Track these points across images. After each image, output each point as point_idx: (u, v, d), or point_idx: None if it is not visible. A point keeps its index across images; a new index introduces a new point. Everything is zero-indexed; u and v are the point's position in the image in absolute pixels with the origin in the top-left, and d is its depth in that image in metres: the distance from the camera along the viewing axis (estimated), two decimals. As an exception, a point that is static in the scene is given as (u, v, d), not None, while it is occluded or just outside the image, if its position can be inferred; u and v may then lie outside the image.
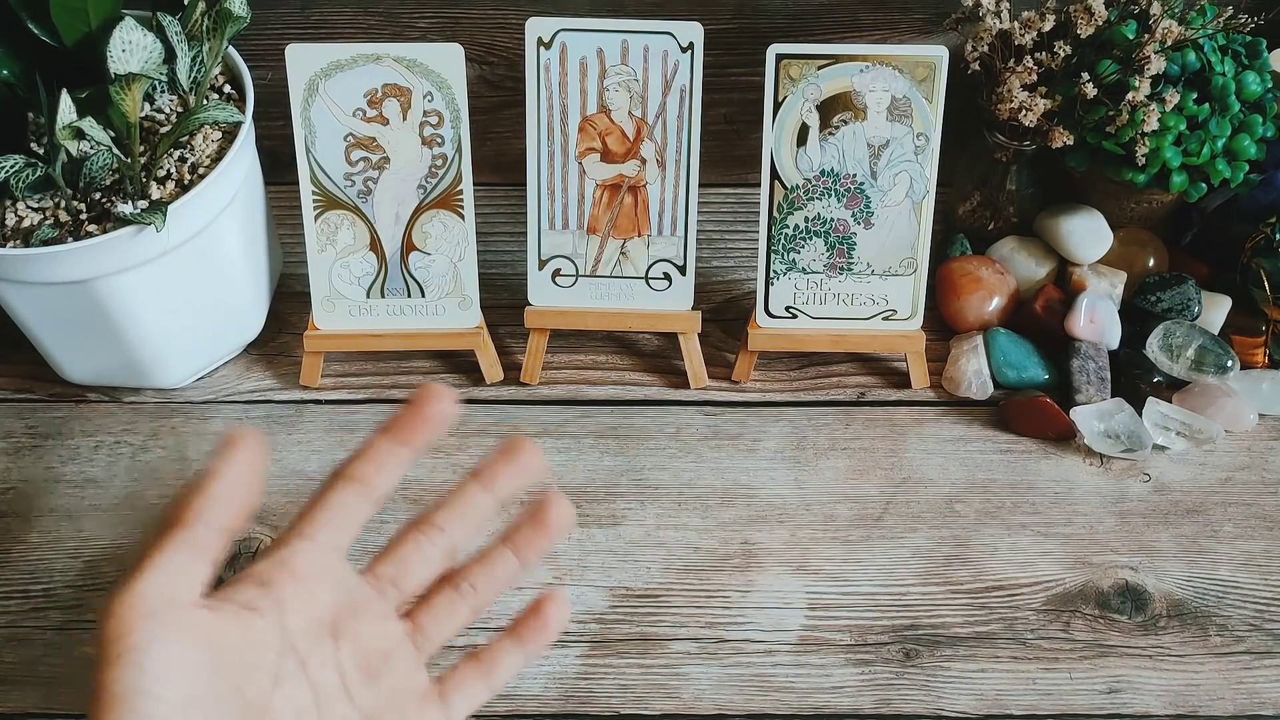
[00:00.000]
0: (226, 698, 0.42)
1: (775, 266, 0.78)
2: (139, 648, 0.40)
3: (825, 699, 0.66)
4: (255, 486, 0.44)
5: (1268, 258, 0.79)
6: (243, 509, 0.44)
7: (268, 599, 0.44)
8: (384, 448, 0.47)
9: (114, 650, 0.40)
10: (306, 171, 0.75)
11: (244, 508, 0.44)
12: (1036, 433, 0.78)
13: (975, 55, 0.78)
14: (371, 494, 0.46)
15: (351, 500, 0.46)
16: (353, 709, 0.45)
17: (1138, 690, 0.66)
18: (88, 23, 0.65)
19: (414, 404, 0.47)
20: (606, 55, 0.73)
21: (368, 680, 0.46)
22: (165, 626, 0.41)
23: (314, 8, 0.86)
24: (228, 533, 0.43)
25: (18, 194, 0.67)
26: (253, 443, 0.44)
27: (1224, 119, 0.77)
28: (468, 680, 0.48)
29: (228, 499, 0.43)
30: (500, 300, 0.85)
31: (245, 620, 0.43)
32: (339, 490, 0.46)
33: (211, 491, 0.43)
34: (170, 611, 0.41)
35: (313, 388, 0.81)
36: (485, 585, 0.49)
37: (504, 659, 0.48)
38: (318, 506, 0.46)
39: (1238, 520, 0.74)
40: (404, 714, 0.46)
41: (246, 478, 0.44)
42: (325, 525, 0.45)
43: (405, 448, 0.47)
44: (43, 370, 0.80)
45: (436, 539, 0.48)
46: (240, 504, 0.43)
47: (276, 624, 0.44)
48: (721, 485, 0.75)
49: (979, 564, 0.71)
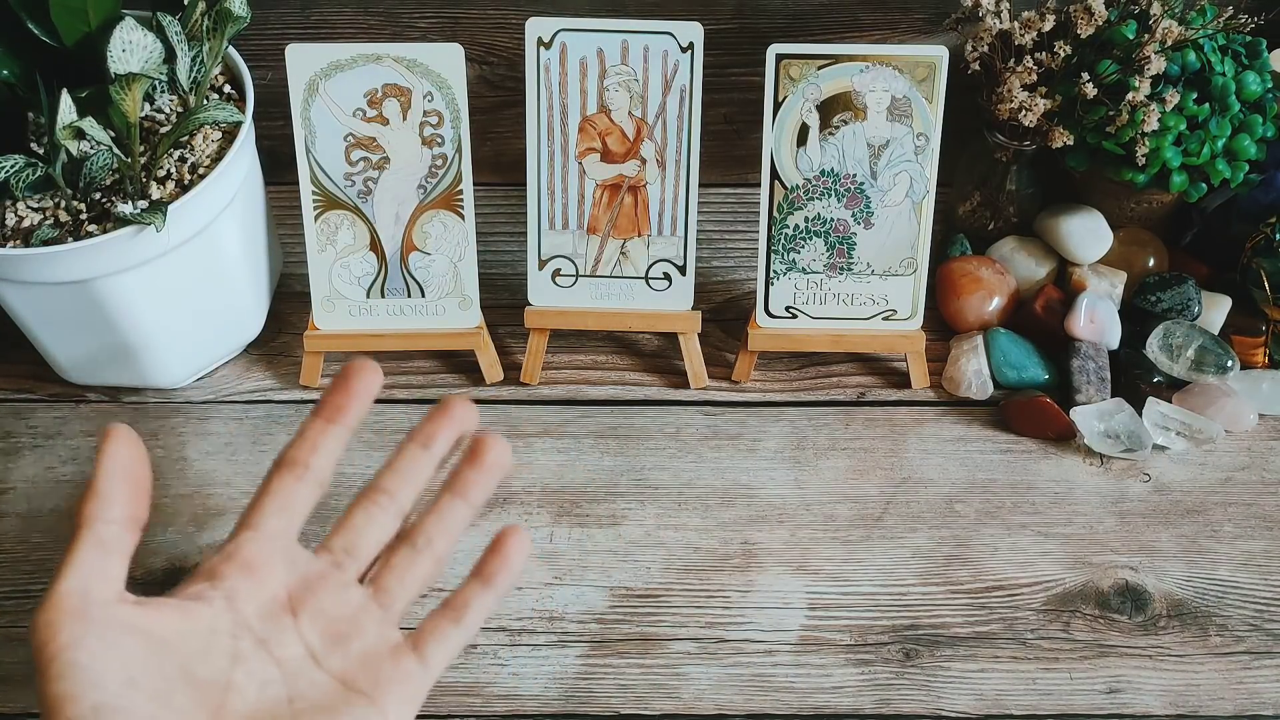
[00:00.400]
0: (173, 678, 0.43)
1: (775, 266, 0.78)
2: (70, 645, 0.42)
3: (825, 699, 0.66)
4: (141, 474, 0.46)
5: (1268, 258, 0.79)
6: (136, 499, 0.45)
7: (215, 590, 0.46)
8: (316, 429, 0.49)
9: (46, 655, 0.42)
10: (306, 171, 0.75)
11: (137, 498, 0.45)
12: (1036, 433, 0.78)
13: (975, 55, 0.78)
14: (311, 476, 0.48)
15: (291, 485, 0.48)
16: (323, 674, 0.46)
17: (1138, 690, 0.66)
18: (88, 23, 0.65)
19: (339, 381, 0.49)
20: (606, 55, 0.73)
21: (335, 646, 0.47)
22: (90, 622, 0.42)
23: (314, 8, 0.86)
24: (130, 524, 0.45)
25: (18, 194, 0.67)
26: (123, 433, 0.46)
27: (1224, 119, 0.77)
28: (440, 628, 0.49)
29: (117, 493, 0.45)
30: (500, 300, 0.85)
31: (187, 610, 0.45)
32: (278, 478, 0.48)
33: (98, 490, 0.45)
34: (93, 609, 0.43)
35: (313, 388, 0.81)
36: (440, 535, 0.50)
37: (473, 600, 0.49)
38: (259, 496, 0.48)
39: (1238, 520, 0.74)
40: (378, 671, 0.47)
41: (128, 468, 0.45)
42: (269, 513, 0.47)
43: (336, 425, 0.48)
44: (43, 370, 0.80)
45: (384, 503, 0.50)
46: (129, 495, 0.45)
47: (226, 611, 0.45)
48: (721, 485, 0.75)
49: (979, 564, 0.71)
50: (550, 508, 0.74)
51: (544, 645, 0.68)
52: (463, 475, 0.51)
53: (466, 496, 0.51)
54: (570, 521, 0.73)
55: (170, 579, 0.69)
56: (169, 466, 0.76)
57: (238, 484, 0.75)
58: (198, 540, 0.72)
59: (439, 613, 0.49)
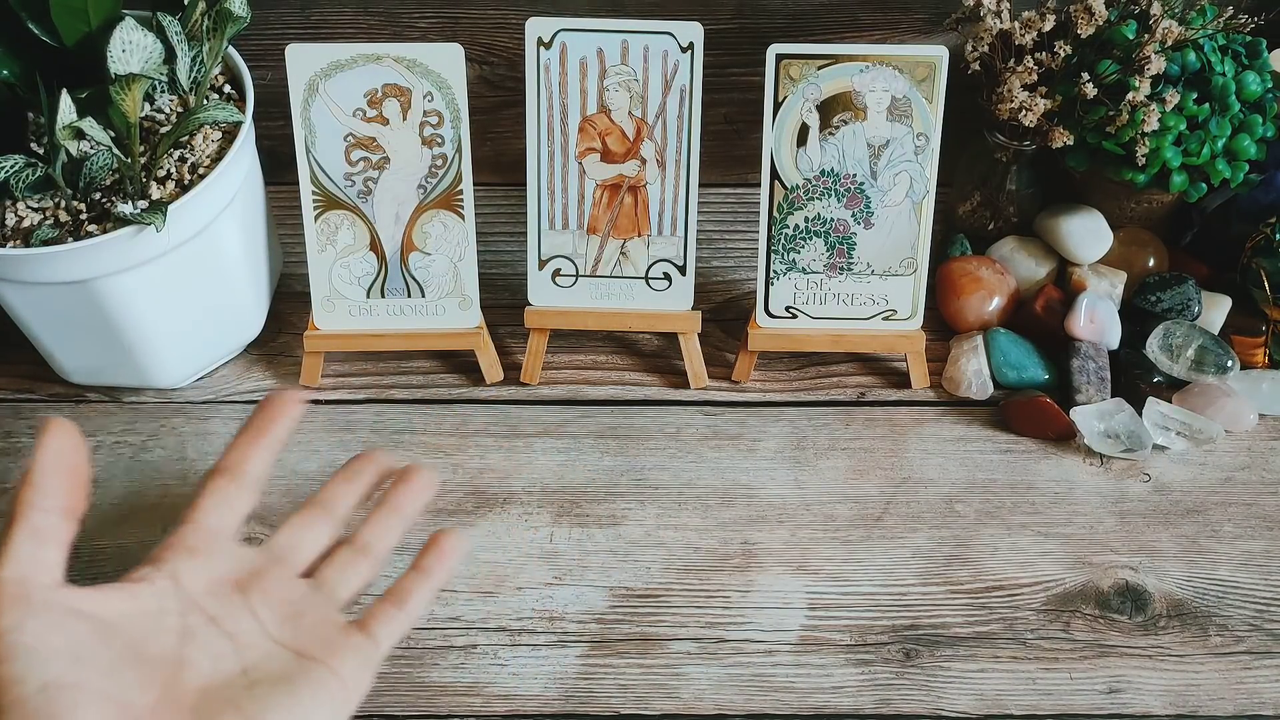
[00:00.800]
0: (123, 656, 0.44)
1: (775, 266, 0.78)
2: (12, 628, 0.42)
3: (825, 699, 0.66)
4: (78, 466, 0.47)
5: (1268, 258, 0.79)
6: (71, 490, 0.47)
7: (159, 571, 0.48)
8: (245, 440, 0.53)
9: None
10: (306, 171, 0.75)
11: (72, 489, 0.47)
12: (1036, 433, 0.78)
13: (975, 55, 0.78)
14: (244, 481, 0.52)
15: (225, 486, 0.51)
16: (276, 646, 0.48)
17: (1138, 690, 0.66)
18: (88, 23, 0.65)
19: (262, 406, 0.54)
20: (606, 55, 0.73)
21: (286, 621, 0.49)
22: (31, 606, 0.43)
23: (314, 8, 0.86)
24: (66, 513, 0.47)
25: (18, 194, 0.67)
26: (62, 426, 0.48)
27: (1224, 119, 0.77)
28: (384, 611, 0.52)
29: (52, 484, 0.46)
30: (500, 300, 0.85)
31: (132, 591, 0.47)
32: (212, 481, 0.52)
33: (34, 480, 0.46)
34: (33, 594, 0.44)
35: (313, 388, 0.81)
36: (376, 540, 0.54)
37: (413, 589, 0.53)
38: (196, 496, 0.51)
39: (1238, 520, 0.74)
40: (330, 642, 0.49)
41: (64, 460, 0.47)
42: (207, 509, 0.50)
43: (263, 438, 0.53)
44: (43, 370, 0.80)
45: (319, 515, 0.54)
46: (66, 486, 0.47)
47: (172, 590, 0.47)
48: (721, 485, 0.75)
49: (979, 564, 0.71)
50: (550, 508, 0.74)
51: (544, 645, 0.68)
52: (395, 492, 0.56)
53: (399, 510, 0.55)
54: (570, 521, 0.73)
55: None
56: (169, 466, 0.76)
57: (238, 484, 0.75)
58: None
59: (382, 601, 0.52)
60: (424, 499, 0.56)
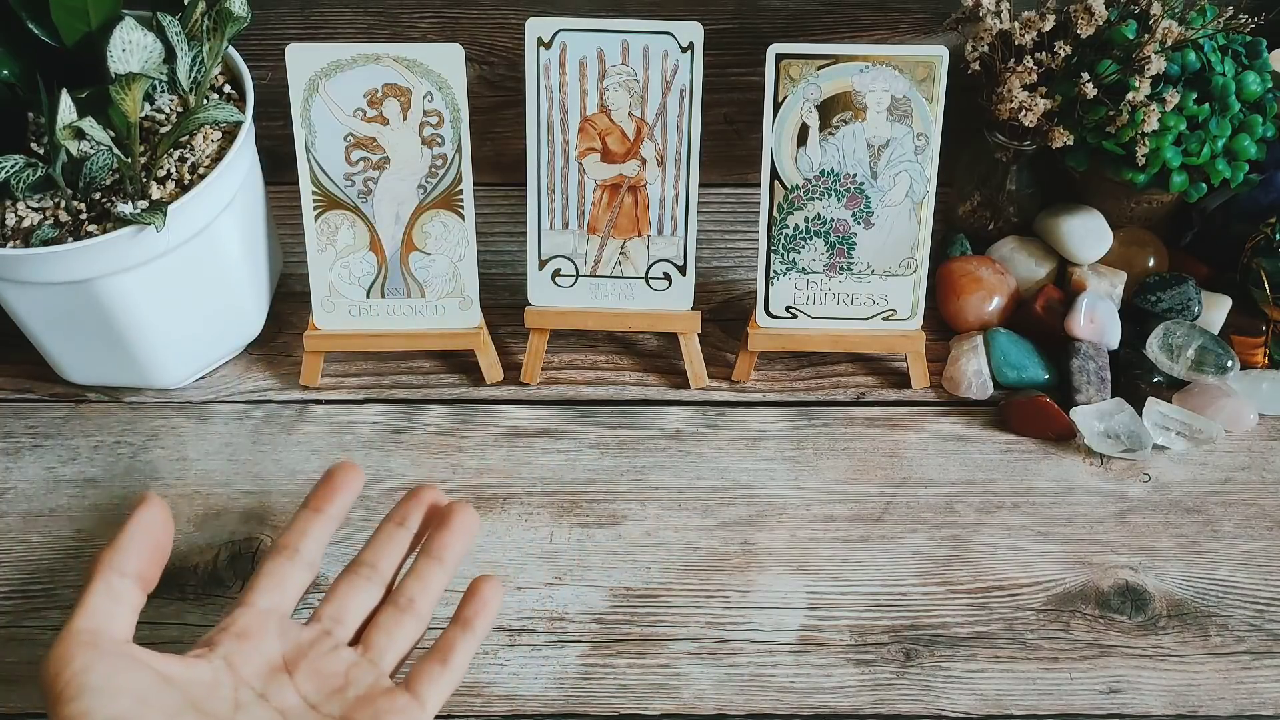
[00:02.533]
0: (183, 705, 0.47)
1: (775, 266, 0.78)
2: (83, 670, 0.45)
3: (825, 699, 0.66)
4: (161, 542, 0.52)
5: (1268, 258, 0.79)
6: (151, 561, 0.51)
7: (213, 653, 0.51)
8: (304, 517, 0.56)
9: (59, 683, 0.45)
10: (306, 171, 0.75)
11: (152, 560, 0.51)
12: (1036, 433, 0.78)
13: (975, 55, 0.78)
14: (300, 559, 0.55)
15: (283, 566, 0.54)
16: (323, 716, 0.51)
17: (1138, 690, 0.66)
18: (88, 23, 0.65)
19: (325, 477, 0.57)
20: (606, 55, 0.73)
21: (332, 695, 0.51)
22: (102, 652, 0.47)
23: (314, 8, 0.86)
24: (141, 581, 0.50)
25: (18, 194, 0.67)
26: (156, 503, 0.52)
27: (1224, 119, 0.77)
28: (429, 670, 0.53)
29: (135, 551, 0.50)
30: (500, 300, 0.85)
31: (189, 664, 0.50)
32: (271, 560, 0.55)
33: (120, 545, 0.50)
34: (104, 643, 0.47)
35: (313, 388, 0.81)
36: (420, 595, 0.56)
37: (457, 644, 0.54)
38: (254, 576, 0.54)
39: (1238, 520, 0.74)
40: (377, 708, 0.51)
41: (151, 533, 0.51)
42: (262, 591, 0.53)
43: (322, 514, 0.56)
44: (43, 370, 0.80)
45: (367, 574, 0.56)
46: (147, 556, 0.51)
47: (225, 670, 0.50)
48: (721, 485, 0.75)
49: (979, 564, 0.71)
50: (550, 508, 0.74)
51: (544, 645, 0.68)
52: (436, 539, 0.57)
53: (442, 559, 0.57)
54: (570, 521, 0.73)
55: (169, 580, 0.69)
56: (169, 466, 0.76)
57: (238, 484, 0.75)
58: (197, 540, 0.72)
59: (426, 658, 0.54)
60: (467, 545, 0.58)
